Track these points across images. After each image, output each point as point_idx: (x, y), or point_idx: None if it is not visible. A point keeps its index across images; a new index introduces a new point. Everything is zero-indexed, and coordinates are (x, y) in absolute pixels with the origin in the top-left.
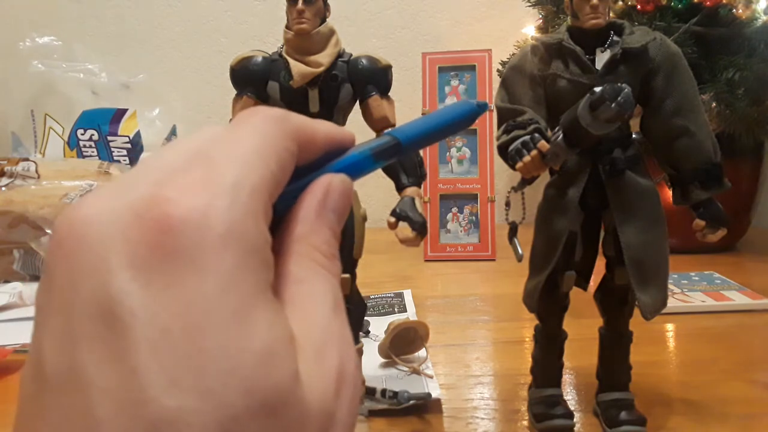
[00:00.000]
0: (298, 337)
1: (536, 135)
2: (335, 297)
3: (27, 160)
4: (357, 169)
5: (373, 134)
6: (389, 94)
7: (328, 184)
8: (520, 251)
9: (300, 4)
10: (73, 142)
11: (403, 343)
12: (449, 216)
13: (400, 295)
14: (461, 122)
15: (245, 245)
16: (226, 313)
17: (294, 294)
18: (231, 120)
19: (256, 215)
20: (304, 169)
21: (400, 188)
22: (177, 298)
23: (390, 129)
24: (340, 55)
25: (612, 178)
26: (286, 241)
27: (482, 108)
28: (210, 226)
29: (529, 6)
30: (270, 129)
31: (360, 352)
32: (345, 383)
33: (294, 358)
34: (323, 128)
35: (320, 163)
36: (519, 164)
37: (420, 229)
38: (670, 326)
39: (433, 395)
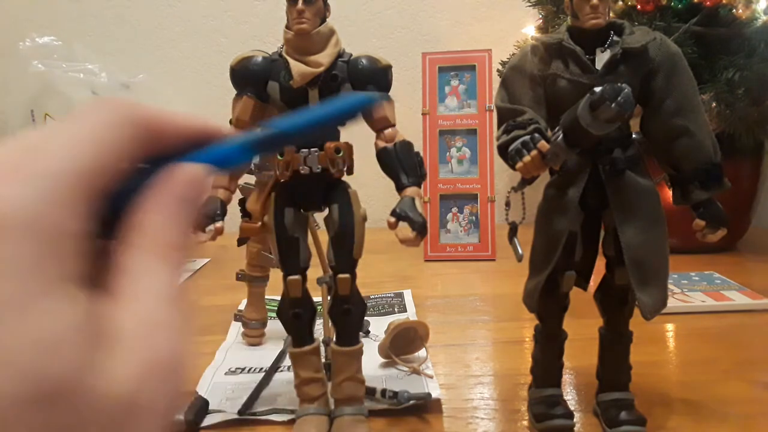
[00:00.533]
0: (110, 328)
1: (536, 135)
2: (170, 287)
3: None
4: (224, 159)
5: (373, 134)
6: (389, 94)
7: (173, 172)
8: (520, 251)
9: (300, 4)
10: None
11: (403, 343)
12: (449, 216)
13: (400, 295)
14: (348, 113)
15: (42, 234)
16: (1, 301)
17: (120, 285)
18: (230, 120)
19: (64, 204)
20: (167, 161)
21: (400, 188)
22: None
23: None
24: (340, 55)
25: (612, 178)
26: (130, 234)
27: (373, 99)
28: (2, 215)
29: (529, 6)
30: (105, 117)
31: (360, 352)
32: (155, 373)
33: (86, 348)
34: (181, 119)
35: (186, 156)
36: (519, 164)
37: (420, 229)
38: (670, 326)
39: (433, 395)
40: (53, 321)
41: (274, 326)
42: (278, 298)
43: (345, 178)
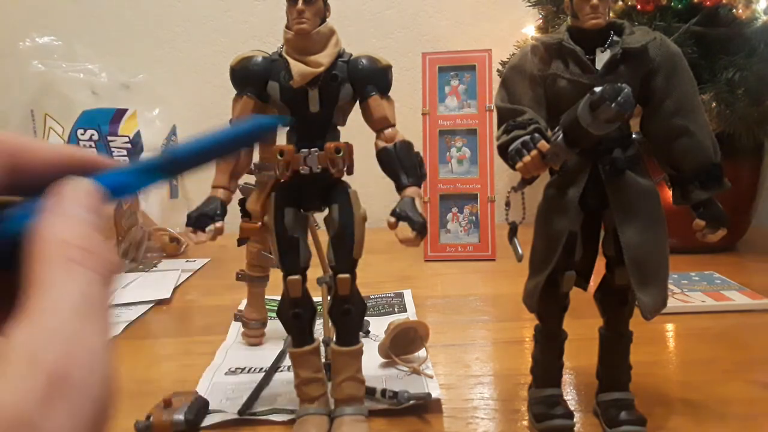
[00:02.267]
0: (10, 343)
1: (536, 135)
2: (83, 294)
3: None
4: (119, 183)
5: (373, 134)
6: (389, 94)
7: (68, 185)
8: (520, 251)
9: (300, 4)
10: (73, 142)
11: (403, 343)
12: (449, 216)
13: (400, 295)
14: (248, 137)
15: None
16: None
17: (29, 301)
18: (230, 120)
19: None
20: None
21: (400, 188)
22: None
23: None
24: (340, 55)
25: (612, 178)
26: (34, 249)
27: (275, 124)
28: None
29: (529, 6)
30: None
31: (360, 352)
32: (62, 390)
33: None
34: (48, 147)
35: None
36: (519, 164)
37: (420, 229)
38: (670, 326)
39: (433, 395)
40: None
41: (274, 326)
42: (278, 298)
43: (345, 178)
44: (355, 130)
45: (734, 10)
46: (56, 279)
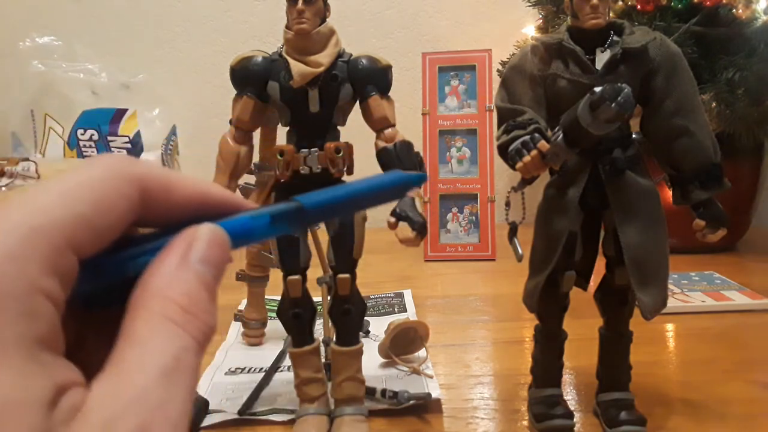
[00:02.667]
0: (89, 402)
1: (536, 135)
2: (175, 359)
3: (27, 160)
4: (247, 231)
5: (373, 134)
6: (389, 94)
7: (193, 232)
8: (520, 251)
9: (300, 4)
10: (73, 142)
11: (403, 343)
12: (449, 216)
13: (400, 295)
14: (388, 193)
15: None
16: None
17: (119, 353)
18: (230, 120)
19: (23, 260)
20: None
21: None
22: None
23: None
24: (340, 55)
25: (612, 178)
26: (137, 298)
27: (418, 180)
28: None
29: (529, 6)
30: (96, 172)
31: (360, 352)
32: None
33: (35, 425)
34: (190, 184)
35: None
36: (519, 164)
37: (420, 229)
38: (670, 326)
39: (433, 395)
40: (11, 388)
41: (274, 326)
42: (278, 298)
43: (345, 178)
44: (355, 130)
45: (734, 10)
46: (149, 337)
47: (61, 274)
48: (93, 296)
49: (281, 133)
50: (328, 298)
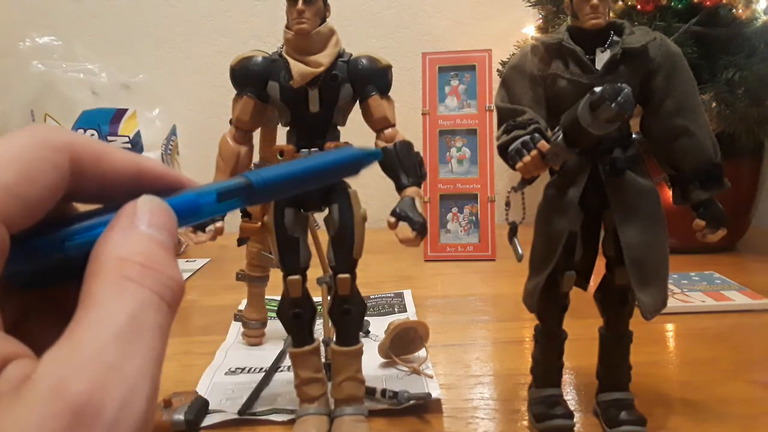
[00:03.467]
0: (39, 369)
1: (536, 135)
2: (131, 317)
3: None
4: (193, 208)
5: (373, 134)
6: (389, 94)
7: (133, 204)
8: (520, 251)
9: (300, 4)
10: None
11: (403, 343)
12: (449, 216)
13: (400, 295)
14: (340, 170)
15: None
16: None
17: (74, 322)
18: (230, 120)
19: None
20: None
21: (400, 188)
22: None
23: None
24: (340, 55)
25: (612, 178)
26: (91, 267)
27: (372, 156)
28: None
29: (529, 6)
30: (19, 141)
31: (360, 352)
32: (88, 425)
33: None
34: (124, 155)
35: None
36: (519, 164)
37: (420, 229)
38: (670, 326)
39: (433, 395)
40: None
41: (274, 326)
42: (278, 298)
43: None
44: (355, 130)
45: (734, 10)
46: (104, 298)
47: None
48: (31, 276)
49: (281, 133)
50: (328, 298)
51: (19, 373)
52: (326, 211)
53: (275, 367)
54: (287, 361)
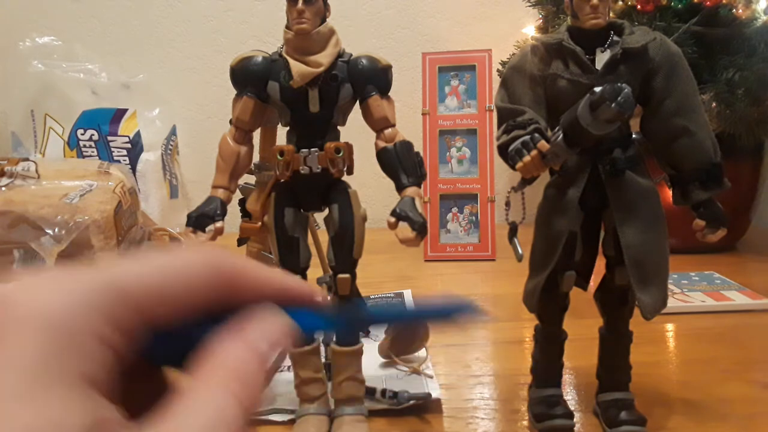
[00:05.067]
0: None
1: (536, 135)
2: (223, 421)
3: (27, 160)
4: (309, 325)
5: (373, 134)
6: (389, 94)
7: (258, 312)
8: (520, 251)
9: (300, 4)
10: (73, 142)
11: (403, 343)
12: (449, 216)
13: (400, 295)
14: (438, 318)
15: (61, 330)
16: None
17: (172, 402)
18: (230, 120)
19: (88, 308)
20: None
21: (400, 188)
22: None
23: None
24: (340, 55)
25: (612, 178)
26: (199, 365)
27: (470, 310)
28: (23, 311)
29: (529, 6)
30: (191, 256)
31: (360, 352)
32: None
33: None
34: (267, 276)
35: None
36: (519, 164)
37: (420, 229)
38: (670, 326)
39: (433, 395)
40: (55, 412)
41: None
42: None
43: (345, 178)
44: (355, 130)
45: (734, 10)
46: (205, 397)
47: (122, 329)
48: (167, 357)
49: (281, 133)
50: (328, 298)
51: None
52: (326, 211)
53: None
54: (287, 361)
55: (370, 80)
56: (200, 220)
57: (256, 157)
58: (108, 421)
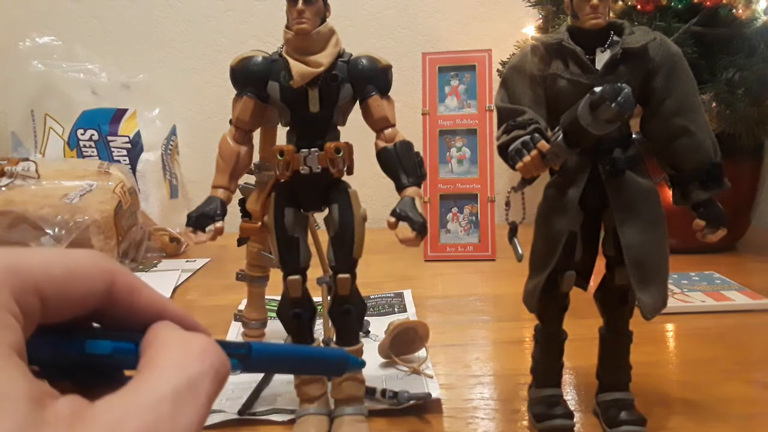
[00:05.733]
0: (96, 408)
1: (536, 135)
2: (190, 381)
3: (27, 160)
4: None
5: (373, 134)
6: (389, 94)
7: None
8: (520, 251)
9: (300, 4)
10: (73, 142)
11: (403, 343)
12: (449, 216)
13: (400, 295)
14: (325, 366)
15: None
16: None
17: (137, 377)
18: (230, 120)
19: None
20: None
21: (400, 188)
22: None
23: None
24: (340, 55)
25: (612, 178)
26: (153, 339)
27: (358, 365)
28: None
29: (529, 6)
30: (77, 252)
31: (360, 352)
32: None
33: (19, 415)
34: (152, 294)
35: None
36: (519, 164)
37: (420, 229)
38: (670, 326)
39: (433, 395)
40: None
41: (274, 326)
42: (278, 298)
43: (345, 178)
44: (355, 130)
45: (734, 10)
46: (167, 363)
47: (24, 309)
48: (49, 369)
49: (281, 133)
50: (328, 298)
51: (69, 409)
52: (326, 211)
53: None
54: None
55: (370, 80)
56: (200, 220)
57: (256, 157)
58: (45, 392)
